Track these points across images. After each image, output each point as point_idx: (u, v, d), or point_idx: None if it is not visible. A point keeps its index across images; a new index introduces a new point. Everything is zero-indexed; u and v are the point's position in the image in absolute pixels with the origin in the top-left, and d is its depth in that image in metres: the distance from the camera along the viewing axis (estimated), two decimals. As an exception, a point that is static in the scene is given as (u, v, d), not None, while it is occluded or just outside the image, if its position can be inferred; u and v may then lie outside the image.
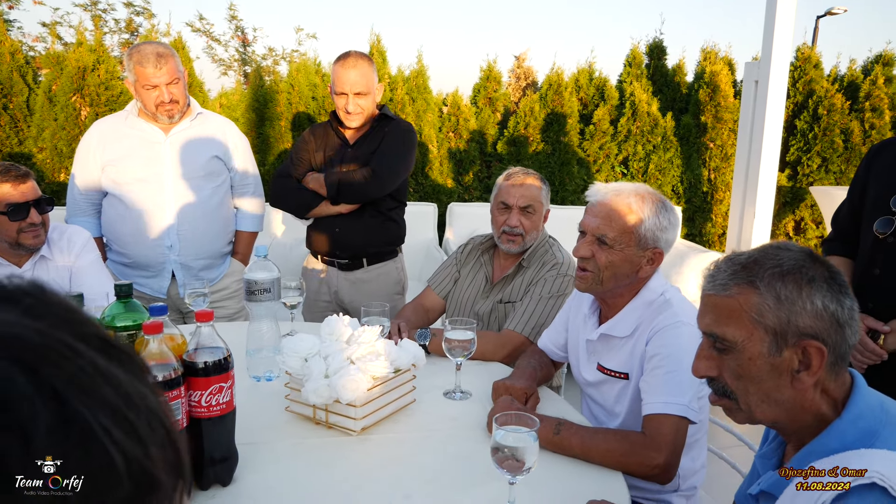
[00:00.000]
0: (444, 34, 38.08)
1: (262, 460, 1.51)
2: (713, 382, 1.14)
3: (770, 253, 1.08)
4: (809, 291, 1.03)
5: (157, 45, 2.72)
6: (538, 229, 2.42)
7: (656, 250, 1.77)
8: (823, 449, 1.02)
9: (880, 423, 1.02)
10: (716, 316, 1.10)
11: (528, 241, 2.40)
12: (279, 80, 5.41)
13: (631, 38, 12.69)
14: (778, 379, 1.05)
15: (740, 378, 1.08)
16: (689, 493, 1.87)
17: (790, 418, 1.08)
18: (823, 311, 1.02)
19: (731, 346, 1.08)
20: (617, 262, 1.75)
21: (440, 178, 5.63)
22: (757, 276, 1.05)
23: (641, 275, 1.78)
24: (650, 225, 1.73)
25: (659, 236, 1.75)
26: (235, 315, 3.03)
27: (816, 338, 1.02)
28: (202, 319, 1.34)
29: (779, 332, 1.03)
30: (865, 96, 6.11)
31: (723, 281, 1.09)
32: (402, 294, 3.06)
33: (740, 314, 1.06)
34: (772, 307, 1.03)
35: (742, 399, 1.10)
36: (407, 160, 2.85)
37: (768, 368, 1.05)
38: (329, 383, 1.58)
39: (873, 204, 2.03)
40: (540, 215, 2.42)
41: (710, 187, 6.07)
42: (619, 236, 1.74)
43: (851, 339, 1.05)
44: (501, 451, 1.26)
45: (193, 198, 2.81)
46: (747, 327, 1.05)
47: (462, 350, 1.85)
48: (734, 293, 1.07)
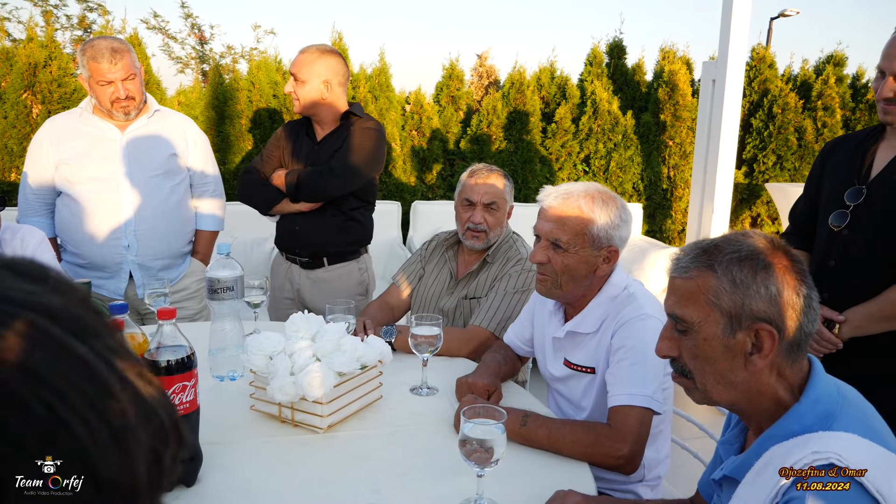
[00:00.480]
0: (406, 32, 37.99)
1: (227, 460, 1.49)
2: (674, 362, 1.18)
3: (732, 239, 1.11)
4: (764, 277, 1.06)
5: (111, 40, 2.66)
6: (502, 226, 2.43)
7: (611, 248, 1.78)
8: (783, 433, 1.05)
9: (837, 406, 1.05)
10: (677, 297, 1.13)
11: (492, 237, 2.41)
12: (239, 78, 5.32)
13: (591, 38, 12.82)
14: (732, 360, 1.09)
15: (696, 358, 1.12)
16: (654, 483, 1.90)
17: (746, 401, 1.11)
18: (777, 297, 1.06)
19: (689, 326, 1.11)
20: (573, 265, 1.76)
21: (403, 177, 5.62)
22: (716, 260, 1.09)
23: (599, 273, 1.80)
24: (602, 224, 1.74)
25: (612, 234, 1.76)
26: (196, 316, 2.97)
27: (769, 322, 1.05)
28: (164, 317, 1.31)
29: (733, 314, 1.07)
30: (818, 95, 6.28)
31: (685, 264, 1.13)
32: (364, 296, 2.99)
33: (698, 296, 1.09)
34: (727, 290, 1.07)
35: (698, 379, 1.13)
36: (368, 159, 2.77)
37: (722, 349, 1.08)
38: (295, 381, 1.56)
39: (828, 198, 2.08)
40: (504, 212, 2.43)
41: (669, 184, 6.17)
42: (572, 239, 1.75)
43: (807, 326, 1.08)
44: (469, 443, 1.26)
45: (151, 197, 2.75)
46: (704, 309, 1.09)
47: (428, 346, 1.85)
48: (693, 276, 1.11)
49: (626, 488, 1.85)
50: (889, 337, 1.92)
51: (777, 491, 0.98)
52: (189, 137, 2.90)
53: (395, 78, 5.74)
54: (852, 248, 1.97)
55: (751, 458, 1.08)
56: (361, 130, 2.80)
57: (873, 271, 1.93)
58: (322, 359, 1.62)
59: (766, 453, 1.05)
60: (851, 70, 6.63)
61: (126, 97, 2.67)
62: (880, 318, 1.89)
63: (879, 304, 1.90)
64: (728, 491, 1.15)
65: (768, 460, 1.03)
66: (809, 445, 0.97)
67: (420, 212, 5.12)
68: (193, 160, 2.91)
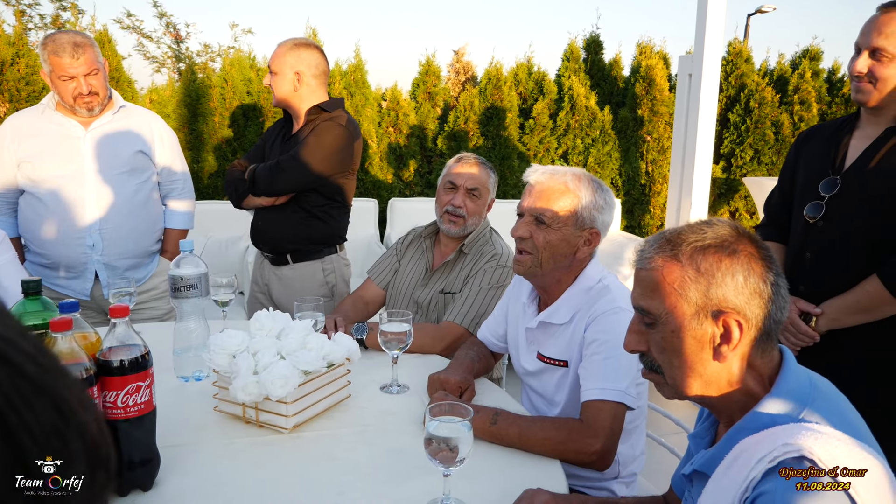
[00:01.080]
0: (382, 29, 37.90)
1: (187, 462, 1.44)
2: (643, 357, 1.14)
3: (696, 227, 1.08)
4: (730, 265, 1.03)
5: (73, 34, 2.59)
6: (480, 215, 2.42)
7: (593, 230, 1.77)
8: (754, 425, 1.02)
9: (809, 398, 1.02)
10: (642, 289, 1.10)
11: (470, 225, 2.39)
12: (212, 75, 5.25)
13: (568, 33, 12.87)
14: (700, 352, 1.05)
15: (664, 351, 1.08)
16: (629, 480, 1.88)
17: (717, 393, 1.08)
18: (744, 285, 1.03)
19: (655, 319, 1.08)
20: (555, 242, 1.74)
21: (380, 174, 5.57)
22: (679, 249, 1.06)
23: (579, 255, 1.78)
24: (587, 204, 1.74)
25: (595, 216, 1.76)
26: (166, 316, 2.91)
27: (737, 311, 1.02)
28: (116, 315, 1.26)
29: (700, 304, 1.04)
30: (794, 90, 6.31)
31: (649, 255, 1.09)
32: (329, 297, 2.83)
33: (663, 287, 1.06)
34: (692, 280, 1.04)
35: (668, 373, 1.10)
36: (323, 155, 2.62)
37: (690, 341, 1.05)
38: (258, 380, 1.52)
39: (803, 189, 2.07)
40: (484, 202, 2.42)
41: (647, 180, 6.17)
42: (556, 215, 1.74)
43: (776, 314, 1.05)
44: (435, 442, 1.22)
45: (117, 194, 2.68)
46: (670, 300, 1.06)
47: (398, 343, 1.81)
48: (658, 266, 1.07)
49: (601, 485, 1.83)
50: (865, 329, 1.91)
51: (748, 485, 0.95)
52: (156, 134, 2.84)
53: (370, 74, 5.69)
54: (827, 239, 1.95)
55: (721, 451, 1.05)
56: (323, 126, 2.66)
57: (849, 262, 1.92)
58: (287, 357, 1.58)
59: (735, 446, 1.02)
60: (827, 64, 6.68)
61: (89, 93, 2.60)
62: (857, 310, 1.88)
63: (856, 296, 1.88)
64: (699, 485, 1.12)
65: (738, 453, 1.00)
66: (780, 438, 0.95)
67: (397, 209, 5.07)
68: (161, 157, 2.85)
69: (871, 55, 1.86)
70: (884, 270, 1.84)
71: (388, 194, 5.52)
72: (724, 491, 0.99)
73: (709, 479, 1.05)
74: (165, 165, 2.87)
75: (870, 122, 1.98)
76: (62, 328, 1.16)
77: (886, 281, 1.82)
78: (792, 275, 2.06)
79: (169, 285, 1.88)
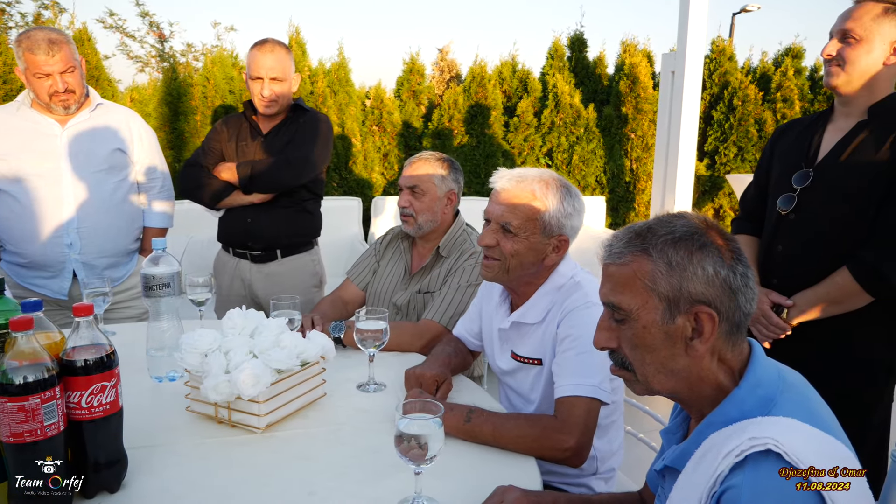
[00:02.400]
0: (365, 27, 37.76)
1: (157, 464, 1.42)
2: (614, 354, 1.13)
3: (664, 220, 1.07)
4: (701, 257, 1.02)
5: (49, 30, 2.56)
6: (432, 211, 2.37)
7: (561, 237, 1.74)
8: (723, 419, 1.02)
9: (777, 391, 1.02)
10: (612, 285, 1.08)
11: (424, 222, 2.37)
12: (193, 73, 5.21)
13: (553, 31, 12.88)
14: (672, 347, 1.04)
15: (636, 348, 1.07)
16: (608, 476, 1.87)
17: (688, 388, 1.07)
18: (715, 277, 1.02)
19: (626, 314, 1.06)
20: (522, 251, 1.72)
21: (364, 173, 5.55)
22: (650, 243, 1.04)
23: (547, 263, 1.76)
24: (554, 212, 1.71)
25: (564, 223, 1.73)
26: (144, 315, 2.87)
27: (708, 304, 1.02)
28: (80, 314, 1.24)
29: (671, 298, 1.02)
30: (777, 87, 6.34)
31: (618, 249, 1.08)
32: (319, 287, 2.99)
33: (634, 282, 1.05)
34: (664, 274, 1.02)
35: (639, 370, 1.08)
36: (322, 150, 2.80)
37: (663, 336, 1.04)
38: (229, 379, 1.50)
39: (777, 182, 2.07)
40: (433, 197, 2.37)
41: (632, 177, 6.18)
42: (523, 224, 1.71)
43: (746, 306, 1.04)
44: (405, 440, 1.21)
45: (94, 193, 2.66)
46: (641, 295, 1.04)
47: (374, 340, 1.80)
48: (628, 261, 1.06)
49: (579, 482, 1.82)
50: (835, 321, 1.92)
51: (716, 479, 0.94)
52: (134, 132, 2.81)
53: (354, 73, 5.69)
54: (799, 231, 1.96)
55: (691, 446, 1.05)
56: (316, 122, 2.82)
57: (820, 255, 1.92)
58: (259, 356, 1.56)
59: (705, 441, 1.01)
60: (809, 62, 6.72)
61: (65, 90, 2.57)
62: (827, 301, 1.88)
63: (826, 288, 1.89)
64: (670, 481, 1.12)
65: (707, 448, 1.00)
66: (747, 432, 0.94)
67: (381, 208, 5.05)
68: (139, 155, 2.83)
69: (841, 38, 1.89)
70: (853, 262, 1.85)
71: (372, 193, 5.50)
72: (694, 486, 0.98)
73: (679, 474, 1.05)
74: (144, 164, 2.84)
75: (842, 115, 1.99)
76: (22, 327, 1.14)
77: (856, 273, 1.83)
78: (764, 267, 2.07)
79: (141, 284, 1.85)
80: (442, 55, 7.29)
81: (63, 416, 1.19)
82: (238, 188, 2.74)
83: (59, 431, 1.18)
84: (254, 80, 2.71)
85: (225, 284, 2.90)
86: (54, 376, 1.17)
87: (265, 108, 2.73)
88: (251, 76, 2.71)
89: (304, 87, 5.34)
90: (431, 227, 2.39)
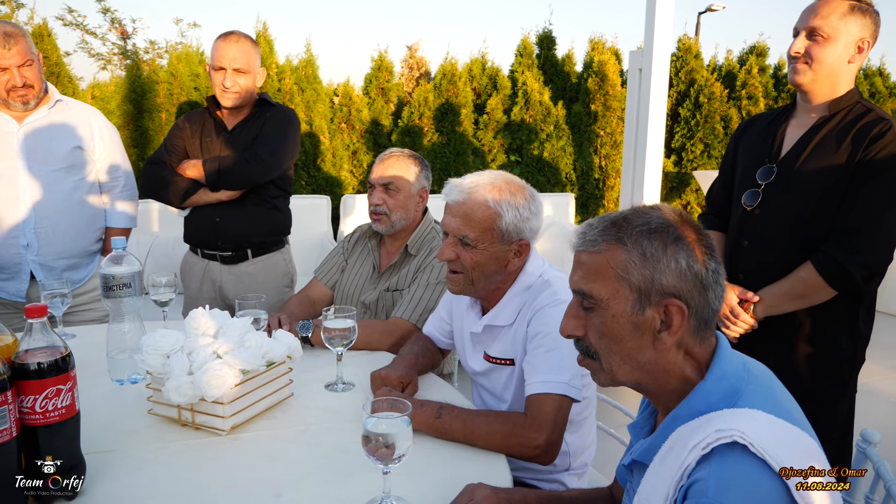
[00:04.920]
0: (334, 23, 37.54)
1: (117, 468, 1.37)
2: (579, 343, 1.12)
3: (641, 211, 1.06)
4: (674, 250, 1.01)
5: (4, 24, 2.48)
6: (405, 209, 2.35)
7: (522, 241, 1.71)
8: (689, 412, 1.01)
9: (743, 382, 1.01)
10: (584, 272, 1.07)
11: (397, 220, 2.34)
12: (158, 70, 5.11)
13: (521, 29, 12.93)
14: (640, 339, 1.04)
15: (603, 337, 1.06)
16: (581, 471, 1.86)
17: (653, 381, 1.07)
18: (687, 272, 1.01)
19: (596, 303, 1.05)
20: (483, 261, 1.69)
21: (333, 171, 5.49)
22: (625, 232, 1.04)
23: (510, 268, 1.73)
24: (511, 219, 1.67)
25: (522, 227, 1.70)
26: (107, 318, 2.79)
27: (679, 297, 1.01)
28: (33, 315, 1.19)
29: (643, 289, 1.02)
30: (742, 85, 6.43)
31: (592, 237, 1.07)
32: (291, 287, 2.95)
33: (607, 270, 1.04)
34: (637, 264, 1.02)
35: (604, 359, 1.08)
36: (291, 145, 2.74)
37: (631, 327, 1.03)
38: (192, 380, 1.46)
39: (741, 178, 2.09)
40: (406, 195, 2.34)
41: (601, 174, 6.22)
42: (480, 235, 1.67)
43: (715, 303, 1.04)
44: (373, 439, 1.18)
45: (53, 192, 2.58)
46: (613, 284, 1.03)
47: (342, 339, 1.77)
48: (602, 249, 1.05)
49: (552, 478, 1.81)
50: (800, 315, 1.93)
51: (682, 472, 0.94)
52: (95, 129, 2.74)
53: (322, 70, 5.62)
54: (764, 226, 1.97)
55: (658, 440, 1.04)
56: (283, 117, 2.77)
57: (785, 250, 1.94)
58: (223, 356, 1.52)
59: (672, 435, 1.00)
60: (773, 60, 6.83)
61: (23, 85, 2.50)
62: (792, 296, 1.90)
63: (791, 283, 1.90)
64: (638, 475, 1.11)
65: (674, 442, 0.99)
66: (713, 424, 0.94)
67: (351, 206, 5.01)
68: (101, 153, 2.75)
69: (808, 36, 1.90)
70: (816, 257, 1.87)
71: (342, 191, 5.45)
72: (662, 479, 0.97)
73: (647, 468, 1.04)
74: (106, 162, 2.77)
75: (804, 111, 2.01)
76: (-29, 330, 1.10)
77: (819, 267, 1.85)
78: (731, 262, 2.08)
79: (101, 285, 1.80)
80: (411, 52, 7.27)
81: (15, 422, 1.15)
82: (204, 186, 2.68)
83: (10, 438, 1.13)
84: (216, 71, 2.64)
85: (194, 287, 2.84)
86: (5, 380, 1.13)
87: (227, 100, 2.66)
88: (214, 66, 2.65)
89: (271, 84, 5.27)
90: (404, 224, 2.37)
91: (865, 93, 6.82)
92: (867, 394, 2.49)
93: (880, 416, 2.43)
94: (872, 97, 6.83)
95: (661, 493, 0.96)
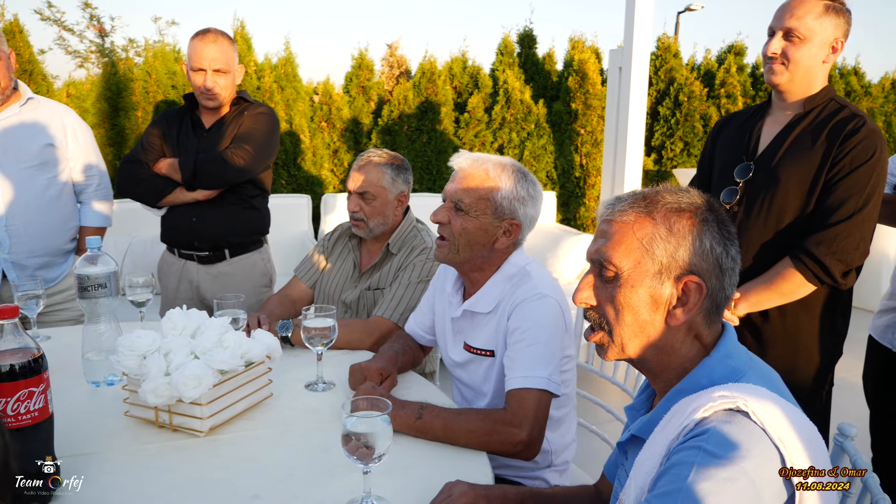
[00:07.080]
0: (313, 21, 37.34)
1: (93, 472, 1.35)
2: (590, 313, 1.12)
3: (672, 191, 1.08)
4: (700, 231, 1.03)
5: (-28, 20, 2.43)
6: (383, 215, 2.33)
7: (513, 222, 1.73)
8: (693, 386, 1.03)
9: (746, 366, 1.04)
10: (607, 240, 1.08)
11: (374, 226, 2.33)
12: (134, 67, 5.04)
13: (502, 28, 12.96)
14: (654, 313, 1.05)
15: (619, 307, 1.06)
16: (563, 468, 1.87)
17: (658, 358, 1.08)
18: (710, 253, 1.03)
19: (617, 272, 1.06)
20: (471, 230, 1.71)
21: (314, 170, 5.46)
22: (655, 207, 1.05)
23: (498, 246, 1.74)
24: (507, 193, 1.70)
25: (516, 207, 1.72)
26: (82, 318, 2.75)
27: (699, 275, 1.03)
28: (4, 316, 1.17)
29: (664, 263, 1.03)
30: (721, 84, 6.48)
31: (622, 208, 1.08)
32: (269, 287, 2.92)
33: (632, 240, 1.05)
34: (663, 238, 1.03)
35: (616, 330, 1.08)
36: (269, 144, 2.72)
37: (648, 300, 1.04)
38: (169, 381, 1.44)
39: (719, 176, 2.10)
40: (383, 201, 2.32)
41: (582, 172, 6.24)
42: (474, 202, 1.70)
43: (729, 289, 1.07)
44: (353, 439, 1.17)
45: (24, 190, 2.54)
46: (636, 254, 1.04)
47: (322, 338, 1.75)
48: (630, 219, 1.06)
49: (535, 475, 1.81)
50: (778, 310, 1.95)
51: (680, 432, 0.94)
52: (68, 128, 2.70)
53: (301, 68, 5.60)
54: (743, 224, 1.98)
55: (658, 414, 1.05)
56: (257, 115, 2.74)
57: (765, 247, 1.95)
58: (201, 356, 1.50)
59: (673, 407, 1.01)
60: (751, 59, 6.88)
61: None
62: (772, 291, 1.91)
63: (770, 279, 1.92)
64: (633, 453, 1.11)
65: (674, 412, 1.00)
66: (717, 391, 0.95)
67: (331, 205, 4.98)
68: (74, 151, 2.71)
69: (784, 36, 1.91)
70: (794, 253, 1.88)
71: (322, 190, 5.42)
72: (658, 445, 0.98)
73: (644, 443, 1.05)
74: (80, 161, 2.73)
75: (780, 108, 2.02)
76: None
77: (797, 264, 1.87)
78: None
79: (76, 285, 1.77)
80: (391, 51, 7.24)
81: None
82: (181, 185, 2.65)
83: (-18, 441, 1.11)
84: (195, 72, 2.61)
85: (171, 287, 2.80)
86: (-24, 383, 1.10)
87: (208, 100, 2.64)
88: (192, 67, 2.62)
89: (250, 83, 5.23)
90: (382, 229, 2.36)
91: (841, 91, 6.91)
92: (844, 388, 2.52)
93: (857, 409, 2.46)
94: (848, 95, 6.91)
95: (657, 454, 0.97)
